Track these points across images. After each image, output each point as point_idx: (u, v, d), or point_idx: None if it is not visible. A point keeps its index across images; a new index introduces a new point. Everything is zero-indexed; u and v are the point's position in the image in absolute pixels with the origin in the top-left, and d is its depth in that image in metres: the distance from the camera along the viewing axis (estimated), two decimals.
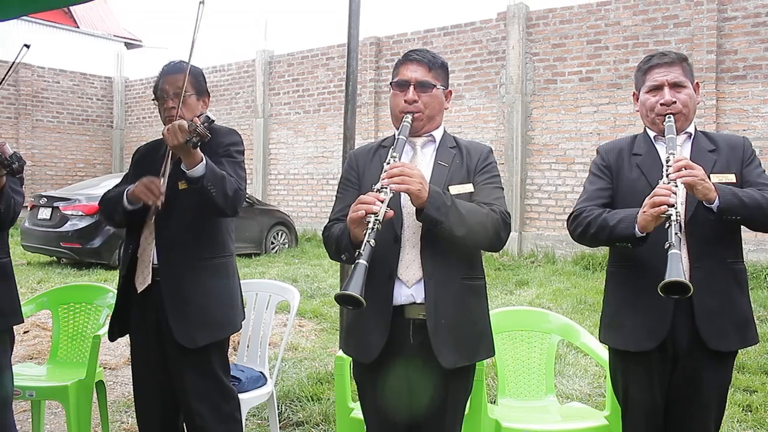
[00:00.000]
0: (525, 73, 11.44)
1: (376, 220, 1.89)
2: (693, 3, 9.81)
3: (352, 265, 1.86)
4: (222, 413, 2.60)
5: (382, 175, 1.99)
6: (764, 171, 2.33)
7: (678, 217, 1.99)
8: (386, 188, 1.95)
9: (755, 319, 6.59)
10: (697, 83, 2.38)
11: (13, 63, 2.63)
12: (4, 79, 2.80)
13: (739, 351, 5.15)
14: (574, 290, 8.06)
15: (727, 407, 3.85)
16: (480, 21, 12.17)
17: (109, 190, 2.76)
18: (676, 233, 1.95)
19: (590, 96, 10.80)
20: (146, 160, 2.74)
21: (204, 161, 2.36)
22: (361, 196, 1.98)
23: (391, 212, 1.95)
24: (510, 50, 11.51)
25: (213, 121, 2.35)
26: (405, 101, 2.19)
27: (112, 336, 2.72)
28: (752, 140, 9.23)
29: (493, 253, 10.78)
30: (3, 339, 2.76)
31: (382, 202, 1.92)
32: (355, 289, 1.79)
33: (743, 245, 2.36)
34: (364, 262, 1.84)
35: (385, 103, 12.57)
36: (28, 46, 2.68)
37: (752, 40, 9.41)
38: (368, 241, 1.87)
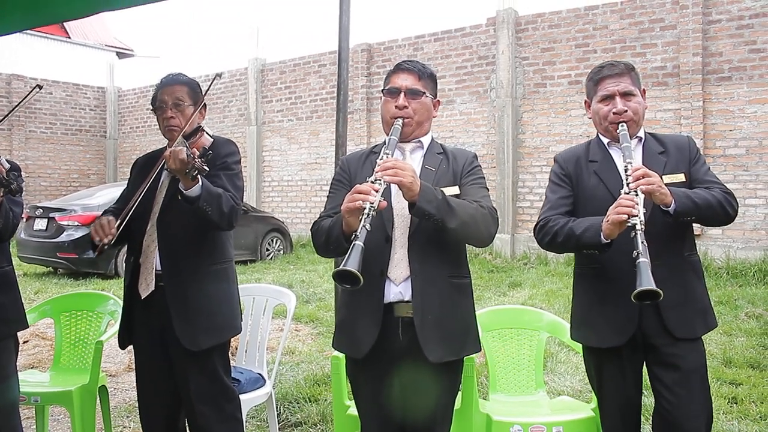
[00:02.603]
0: (515, 77, 11.57)
1: (371, 206, 1.99)
2: (678, 6, 9.97)
3: (349, 246, 1.93)
4: (224, 413, 2.68)
5: (375, 168, 2.10)
6: (709, 168, 2.50)
7: (642, 226, 2.10)
8: (380, 179, 2.05)
9: (743, 314, 6.71)
10: (643, 90, 2.52)
11: (22, 101, 2.72)
12: (9, 113, 2.90)
13: (726, 346, 5.30)
14: (566, 291, 8.16)
15: (713, 400, 3.98)
16: (470, 26, 12.31)
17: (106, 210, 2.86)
18: (642, 242, 2.06)
19: (579, 99, 10.91)
20: (145, 171, 2.82)
21: (200, 182, 2.44)
22: (357, 186, 2.07)
23: (384, 202, 2.05)
24: (500, 55, 11.65)
25: (210, 153, 2.44)
26: (396, 107, 2.31)
27: (123, 344, 2.80)
28: (738, 140, 9.47)
29: (487, 256, 10.89)
30: (8, 345, 2.82)
31: (377, 191, 2.02)
32: (353, 266, 1.87)
33: (732, 244, 2.50)
34: (361, 243, 1.92)
35: (377, 109, 12.62)
36: (40, 87, 2.81)
37: (737, 43, 9.57)
38: (364, 225, 1.96)
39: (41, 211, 10.56)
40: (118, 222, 2.56)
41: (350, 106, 12.80)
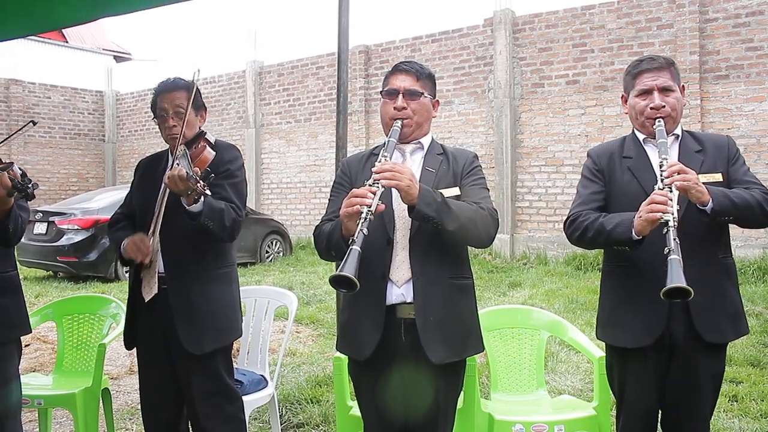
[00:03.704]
0: (513, 78, 11.59)
1: (368, 211, 2.00)
2: (675, 5, 9.99)
3: (347, 251, 1.94)
4: (227, 414, 2.70)
5: (373, 169, 2.10)
6: (749, 169, 2.41)
7: (675, 223, 2.05)
8: (377, 183, 2.05)
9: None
10: (683, 86, 2.46)
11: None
12: (3, 142, 2.93)
13: (727, 344, 5.30)
14: (566, 290, 8.18)
15: None
16: (467, 27, 12.32)
17: (115, 218, 2.88)
18: (674, 239, 2.01)
19: (577, 99, 10.95)
20: (148, 174, 2.84)
21: (202, 199, 2.46)
22: (354, 190, 2.08)
23: (382, 206, 2.06)
24: (497, 55, 11.66)
25: (213, 176, 2.45)
26: (394, 108, 2.31)
27: (129, 345, 2.82)
28: (736, 138, 9.38)
29: (486, 256, 10.90)
30: (11, 349, 2.82)
31: (374, 194, 2.02)
32: (349, 271, 1.89)
33: (731, 241, 2.45)
34: (358, 248, 1.94)
35: (375, 111, 12.69)
36: (34, 123, 2.88)
37: (733, 41, 9.60)
38: (361, 230, 1.97)
39: (41, 215, 10.54)
40: (151, 240, 2.60)
41: (348, 108, 12.81)
